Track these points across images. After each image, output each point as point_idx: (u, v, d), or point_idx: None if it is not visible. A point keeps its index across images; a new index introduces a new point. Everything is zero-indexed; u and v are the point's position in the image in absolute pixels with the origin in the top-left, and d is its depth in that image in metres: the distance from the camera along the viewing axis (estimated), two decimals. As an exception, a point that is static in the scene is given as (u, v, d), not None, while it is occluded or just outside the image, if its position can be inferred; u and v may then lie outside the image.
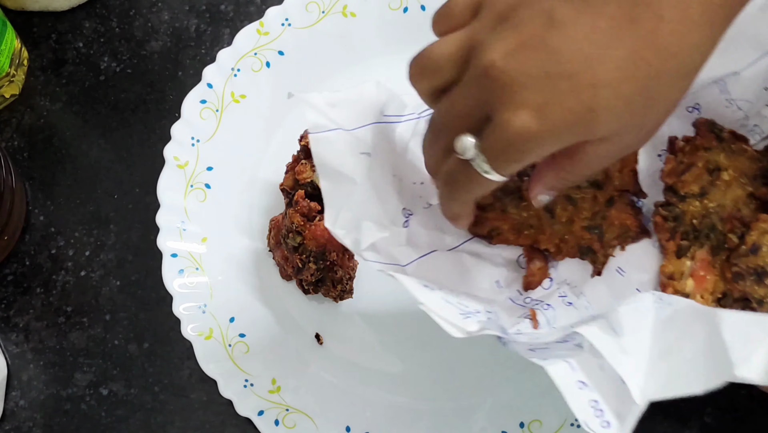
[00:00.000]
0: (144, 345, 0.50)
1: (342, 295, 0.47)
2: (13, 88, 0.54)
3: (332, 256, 0.45)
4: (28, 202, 0.52)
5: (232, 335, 0.48)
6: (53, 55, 0.55)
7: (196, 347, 0.47)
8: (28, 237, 0.52)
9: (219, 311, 0.48)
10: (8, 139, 0.54)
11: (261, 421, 0.46)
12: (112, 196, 0.53)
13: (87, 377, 0.49)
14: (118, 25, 0.56)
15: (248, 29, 0.51)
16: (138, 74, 0.55)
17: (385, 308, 0.49)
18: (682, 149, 0.44)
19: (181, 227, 0.49)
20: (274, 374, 0.47)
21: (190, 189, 0.50)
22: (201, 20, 0.56)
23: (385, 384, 0.48)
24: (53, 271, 0.51)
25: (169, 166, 0.50)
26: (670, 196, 0.44)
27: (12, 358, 0.50)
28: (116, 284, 0.51)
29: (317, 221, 0.46)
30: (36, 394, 0.49)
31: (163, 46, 0.55)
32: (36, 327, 0.50)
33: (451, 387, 0.47)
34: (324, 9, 0.52)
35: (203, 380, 0.47)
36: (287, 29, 0.52)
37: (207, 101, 0.51)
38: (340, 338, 0.49)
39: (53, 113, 0.54)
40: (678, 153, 0.44)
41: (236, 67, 0.51)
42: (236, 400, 0.46)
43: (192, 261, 0.49)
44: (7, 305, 0.51)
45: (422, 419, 0.47)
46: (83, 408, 0.49)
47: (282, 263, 0.47)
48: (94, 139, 0.54)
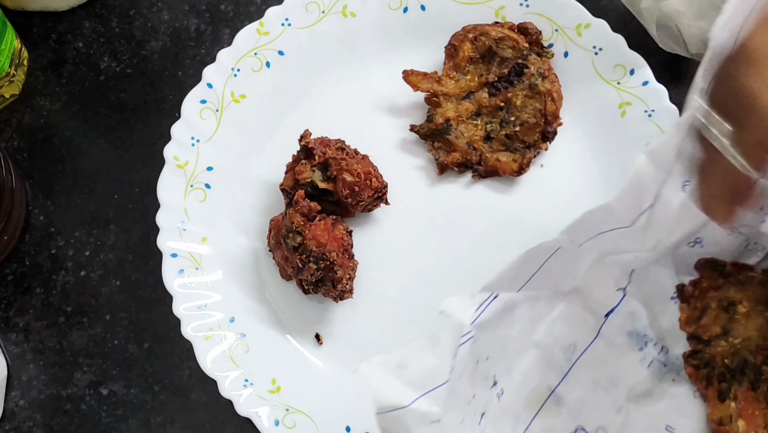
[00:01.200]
0: (144, 345, 0.50)
1: (342, 295, 0.47)
2: (13, 88, 0.54)
3: (332, 256, 0.45)
4: (28, 202, 0.52)
5: (232, 335, 0.48)
6: (53, 55, 0.55)
7: (196, 347, 0.47)
8: (28, 237, 0.52)
9: (219, 311, 0.48)
10: (8, 139, 0.54)
11: (261, 421, 0.46)
12: (112, 196, 0.53)
13: (87, 377, 0.49)
14: (118, 25, 0.56)
15: (248, 29, 0.51)
16: (138, 74, 0.55)
17: (385, 308, 0.49)
18: (693, 294, 0.44)
19: (181, 227, 0.49)
20: (274, 374, 0.47)
21: (190, 189, 0.50)
22: (201, 20, 0.56)
23: (385, 384, 0.48)
24: (53, 271, 0.51)
25: (169, 166, 0.50)
26: (695, 343, 0.44)
27: (12, 358, 0.50)
28: (116, 284, 0.51)
29: (317, 221, 0.46)
30: (36, 394, 0.49)
31: (163, 46, 0.55)
32: (36, 327, 0.50)
33: (451, 387, 0.48)
34: (324, 9, 0.52)
35: (203, 380, 0.47)
36: (287, 29, 0.52)
37: (207, 101, 0.51)
38: (340, 338, 0.49)
39: (53, 113, 0.54)
40: (690, 299, 0.44)
41: (236, 67, 0.51)
42: (236, 400, 0.46)
43: (192, 261, 0.49)
44: (7, 305, 0.51)
45: (422, 419, 0.47)
46: (83, 408, 0.49)
47: (282, 263, 0.48)
48: (94, 139, 0.54)
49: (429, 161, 0.52)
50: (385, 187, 0.49)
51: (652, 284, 0.44)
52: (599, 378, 0.44)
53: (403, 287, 0.49)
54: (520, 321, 0.41)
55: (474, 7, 0.52)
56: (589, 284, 0.43)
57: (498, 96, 0.50)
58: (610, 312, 0.44)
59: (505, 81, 0.50)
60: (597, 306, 0.43)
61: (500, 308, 0.39)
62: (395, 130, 0.52)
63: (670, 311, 0.44)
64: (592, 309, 0.44)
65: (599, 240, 0.39)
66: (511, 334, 0.41)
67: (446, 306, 0.36)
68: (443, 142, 0.51)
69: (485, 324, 0.38)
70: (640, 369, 0.44)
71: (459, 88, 0.51)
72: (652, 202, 0.38)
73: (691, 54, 0.51)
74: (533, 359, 0.43)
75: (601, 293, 0.43)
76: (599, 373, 0.44)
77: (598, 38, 0.50)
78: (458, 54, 0.50)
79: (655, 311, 0.44)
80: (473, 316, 0.37)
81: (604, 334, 0.44)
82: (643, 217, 0.38)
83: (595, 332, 0.44)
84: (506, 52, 0.50)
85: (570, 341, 0.43)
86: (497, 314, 0.39)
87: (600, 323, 0.44)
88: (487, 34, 0.50)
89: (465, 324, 0.37)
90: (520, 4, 0.52)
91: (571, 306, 0.43)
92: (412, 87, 0.50)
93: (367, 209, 0.49)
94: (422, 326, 0.49)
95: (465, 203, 0.51)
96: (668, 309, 0.44)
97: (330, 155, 0.47)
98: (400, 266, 0.50)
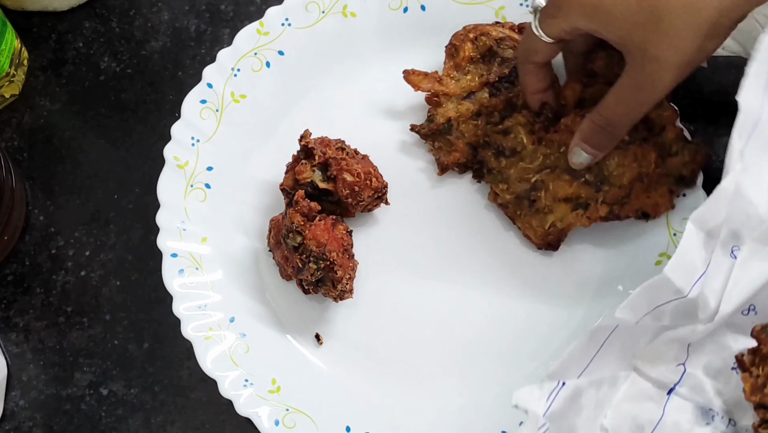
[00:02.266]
0: (144, 345, 0.50)
1: (342, 295, 0.47)
2: (13, 88, 0.54)
3: (332, 256, 0.45)
4: (28, 202, 0.52)
5: (232, 335, 0.48)
6: (53, 55, 0.55)
7: (196, 347, 0.47)
8: (28, 237, 0.52)
9: (219, 311, 0.48)
10: (8, 139, 0.54)
11: (261, 421, 0.46)
12: (112, 197, 0.53)
13: (87, 377, 0.49)
14: (118, 25, 0.56)
15: (248, 29, 0.51)
16: (138, 74, 0.55)
17: (385, 308, 0.49)
18: (753, 363, 0.43)
19: (181, 226, 0.49)
20: (274, 374, 0.47)
21: (190, 189, 0.50)
22: (201, 20, 0.56)
23: (385, 384, 0.48)
24: (53, 271, 0.51)
25: (169, 166, 0.50)
26: (763, 413, 0.43)
27: (12, 358, 0.50)
28: (116, 284, 0.51)
29: (317, 221, 0.46)
30: (36, 394, 0.49)
31: (163, 46, 0.55)
32: (36, 327, 0.50)
33: (452, 386, 0.48)
34: (324, 9, 0.52)
35: (203, 380, 0.47)
36: (287, 29, 0.52)
37: (207, 101, 0.51)
38: (340, 338, 0.49)
39: (53, 113, 0.54)
40: (751, 369, 0.43)
41: (236, 67, 0.51)
42: (236, 400, 0.46)
43: (192, 261, 0.49)
44: (7, 305, 0.51)
45: (422, 418, 0.47)
46: (83, 408, 0.49)
47: (282, 263, 0.47)
48: (94, 139, 0.54)
49: (429, 162, 0.52)
50: (386, 187, 0.49)
51: (711, 355, 0.44)
52: None
53: (403, 286, 0.49)
54: (588, 407, 0.41)
55: (474, 7, 0.52)
56: (648, 361, 0.43)
57: (499, 96, 0.50)
58: (672, 389, 0.44)
59: (506, 81, 0.50)
60: (658, 384, 0.43)
61: (569, 395, 0.40)
62: (396, 130, 0.52)
63: (733, 382, 0.44)
64: (654, 387, 0.43)
65: (656, 315, 0.39)
66: (580, 421, 0.41)
67: (518, 399, 0.38)
68: (444, 143, 0.51)
69: (556, 414, 0.39)
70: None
71: (460, 88, 0.51)
72: (704, 269, 0.38)
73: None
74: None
75: (661, 371, 0.43)
76: None
77: (599, 38, 0.50)
78: (459, 54, 0.50)
79: (718, 383, 0.44)
80: (545, 407, 0.38)
81: (669, 412, 0.43)
82: (697, 286, 0.38)
83: (660, 409, 0.43)
84: (507, 52, 0.50)
85: (638, 422, 0.43)
86: (566, 402, 0.39)
87: (664, 400, 0.44)
88: (487, 34, 0.50)
89: (539, 416, 0.37)
90: (520, 4, 0.52)
91: (634, 386, 0.43)
92: (413, 87, 0.50)
93: (367, 209, 0.49)
94: (422, 326, 0.49)
95: (465, 203, 0.51)
96: (731, 380, 0.44)
97: (330, 155, 0.47)
98: (400, 266, 0.50)
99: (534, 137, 0.48)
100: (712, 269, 0.39)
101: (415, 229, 0.50)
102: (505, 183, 0.48)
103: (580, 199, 0.47)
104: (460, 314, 0.49)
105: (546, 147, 0.47)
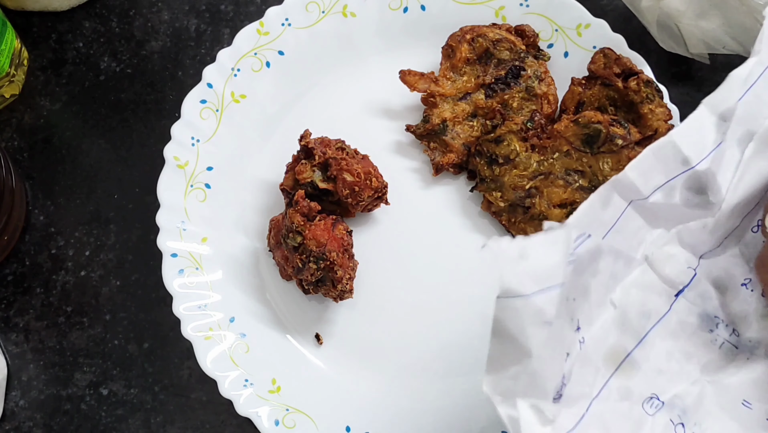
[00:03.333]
0: (144, 345, 0.50)
1: (342, 295, 0.47)
2: (13, 88, 0.54)
3: (332, 256, 0.45)
4: (28, 202, 0.52)
5: (232, 335, 0.48)
6: (53, 55, 0.55)
7: (196, 347, 0.47)
8: (28, 237, 0.52)
9: (219, 311, 0.48)
10: (8, 139, 0.54)
11: (261, 421, 0.46)
12: (112, 196, 0.53)
13: (87, 377, 0.49)
14: (118, 25, 0.56)
15: (248, 29, 0.51)
16: (138, 74, 0.55)
17: (385, 307, 0.49)
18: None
19: (181, 226, 0.49)
20: (274, 374, 0.47)
21: (190, 189, 0.50)
22: (201, 20, 0.56)
23: (385, 384, 0.48)
24: (53, 271, 0.51)
25: (169, 166, 0.50)
26: None
27: (12, 358, 0.50)
28: (116, 284, 0.51)
29: (317, 221, 0.46)
30: (36, 394, 0.49)
31: (163, 46, 0.56)
32: (36, 327, 0.50)
33: (452, 387, 0.48)
34: (324, 9, 0.52)
35: (203, 380, 0.47)
36: (287, 29, 0.52)
37: (207, 101, 0.51)
38: (340, 338, 0.49)
39: (53, 113, 0.54)
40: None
41: (236, 67, 0.51)
42: (236, 400, 0.46)
43: (192, 261, 0.49)
44: (7, 305, 0.51)
45: (422, 418, 0.47)
46: (83, 408, 0.49)
47: (282, 263, 0.48)
48: (94, 139, 0.54)
49: (425, 162, 0.52)
50: (385, 187, 0.49)
51: (722, 271, 0.44)
52: (672, 351, 0.43)
53: (403, 286, 0.49)
54: (604, 273, 0.40)
55: (474, 8, 0.52)
56: (660, 258, 0.43)
57: (494, 98, 0.50)
58: (681, 291, 0.43)
59: (502, 83, 0.50)
60: (669, 282, 0.43)
61: (591, 249, 0.38)
62: (391, 130, 0.52)
63: (741, 297, 0.44)
64: (664, 283, 0.43)
65: (667, 191, 0.38)
66: (594, 284, 0.40)
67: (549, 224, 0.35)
68: (439, 143, 0.51)
69: (577, 262, 0.37)
70: (711, 348, 0.44)
71: (456, 89, 0.51)
72: (714, 148, 0.37)
73: (691, 53, 0.51)
74: (610, 317, 0.42)
75: (672, 270, 0.43)
76: (673, 346, 0.43)
77: (599, 38, 0.50)
78: (455, 55, 0.50)
79: (726, 296, 0.44)
80: (574, 246, 0.36)
81: (676, 310, 0.43)
82: (706, 161, 0.37)
83: (667, 306, 0.43)
84: (503, 54, 0.50)
85: (644, 309, 0.43)
86: (588, 255, 0.38)
87: (672, 299, 0.44)
88: (484, 36, 0.50)
89: (572, 237, 0.35)
90: (520, 4, 0.52)
91: (645, 276, 0.43)
92: (409, 87, 0.50)
93: (367, 209, 0.49)
94: (422, 326, 0.49)
95: (464, 204, 0.51)
96: (739, 295, 0.44)
97: (330, 155, 0.47)
98: (400, 266, 0.50)
99: (527, 144, 0.48)
100: (726, 155, 0.38)
101: (416, 229, 0.50)
102: (498, 191, 0.49)
103: (575, 205, 0.47)
104: (461, 314, 0.49)
105: (539, 153, 0.48)
